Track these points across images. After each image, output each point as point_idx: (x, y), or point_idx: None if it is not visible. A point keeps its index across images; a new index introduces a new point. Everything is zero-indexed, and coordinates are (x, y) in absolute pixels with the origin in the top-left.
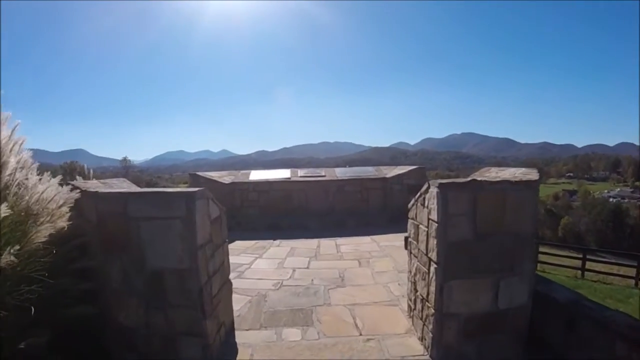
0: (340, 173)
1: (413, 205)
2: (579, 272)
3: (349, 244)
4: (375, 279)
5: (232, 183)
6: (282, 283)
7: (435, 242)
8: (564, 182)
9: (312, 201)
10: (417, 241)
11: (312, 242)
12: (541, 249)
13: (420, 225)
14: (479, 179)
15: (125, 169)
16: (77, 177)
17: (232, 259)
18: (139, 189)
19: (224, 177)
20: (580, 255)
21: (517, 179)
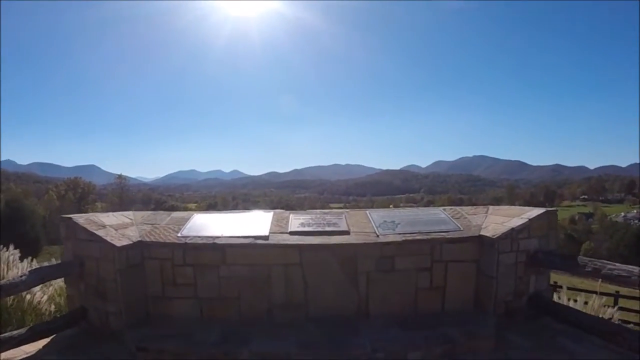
0: (382, 224)
1: None
2: None
3: None
4: None
5: (139, 243)
6: None
7: None
8: (578, 205)
9: (316, 291)
10: None
11: None
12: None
13: None
14: None
15: (120, 187)
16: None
17: None
18: None
19: (129, 227)
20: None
21: None
